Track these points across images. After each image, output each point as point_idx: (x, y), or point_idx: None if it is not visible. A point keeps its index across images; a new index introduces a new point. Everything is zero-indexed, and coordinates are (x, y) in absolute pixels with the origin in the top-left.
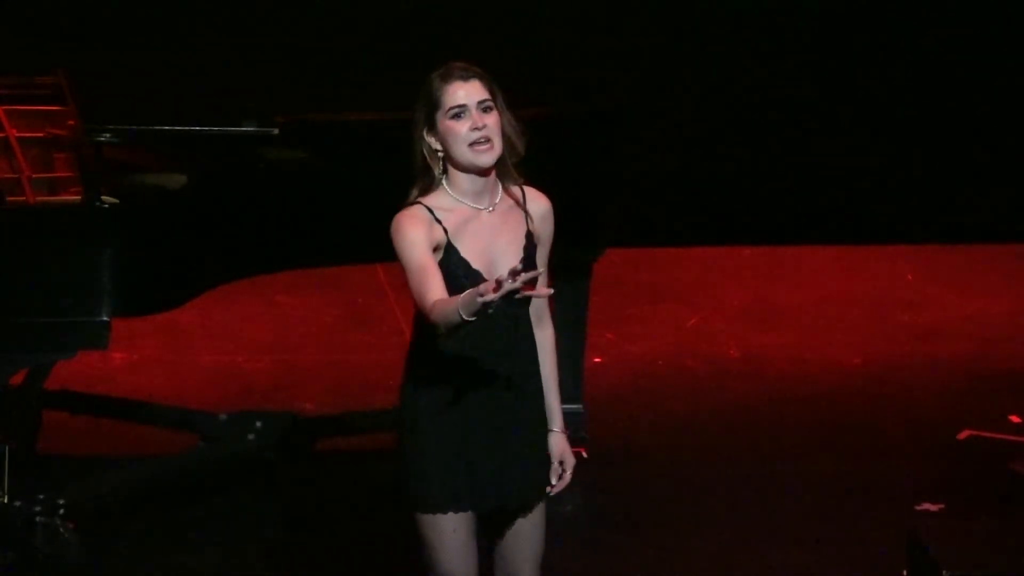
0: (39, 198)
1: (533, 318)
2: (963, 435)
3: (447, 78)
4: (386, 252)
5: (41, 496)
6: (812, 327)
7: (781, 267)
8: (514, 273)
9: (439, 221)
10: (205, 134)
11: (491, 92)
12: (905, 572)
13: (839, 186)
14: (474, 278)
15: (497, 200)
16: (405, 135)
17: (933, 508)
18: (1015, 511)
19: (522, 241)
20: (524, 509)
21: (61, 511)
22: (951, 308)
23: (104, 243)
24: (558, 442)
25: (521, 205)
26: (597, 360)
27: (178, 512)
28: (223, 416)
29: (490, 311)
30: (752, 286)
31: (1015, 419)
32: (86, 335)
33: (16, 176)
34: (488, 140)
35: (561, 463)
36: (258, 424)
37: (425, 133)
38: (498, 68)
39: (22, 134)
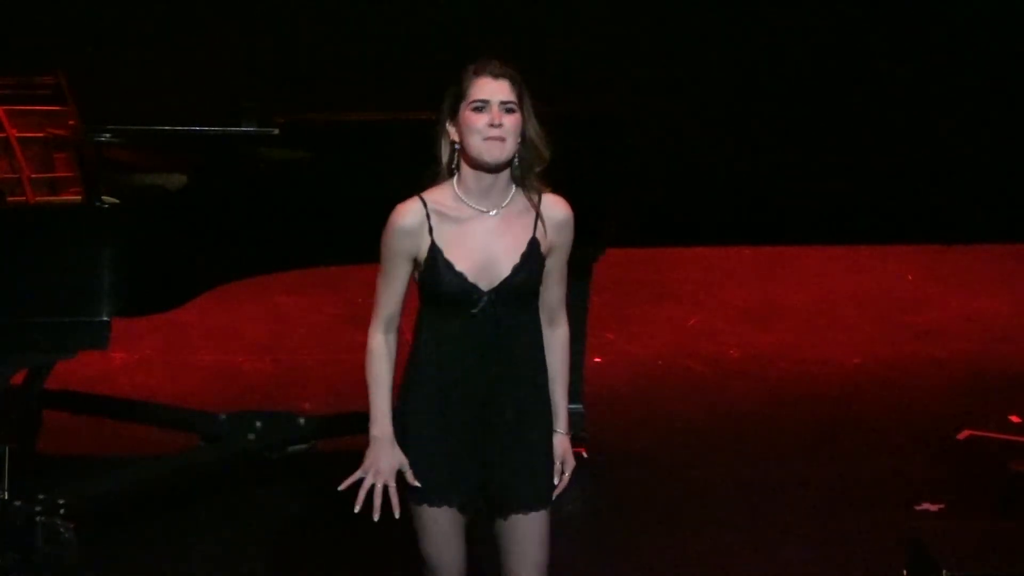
0: (39, 198)
1: (545, 318)
2: (963, 435)
3: (479, 72)
4: None
5: (41, 496)
6: (812, 327)
7: (781, 267)
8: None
9: (429, 220)
10: (205, 134)
11: (518, 96)
12: (905, 572)
13: (839, 186)
14: (459, 279)
15: (504, 204)
16: (405, 135)
17: (933, 508)
18: (1015, 511)
19: (523, 248)
20: (522, 513)
21: (61, 511)
22: (951, 308)
23: (104, 243)
24: (560, 443)
25: (535, 211)
26: (597, 360)
27: (178, 512)
28: (223, 416)
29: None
30: (752, 286)
31: (1015, 419)
32: (86, 335)
33: (16, 176)
34: (502, 138)
35: (562, 464)
36: (258, 424)
37: (448, 122)
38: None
39: (22, 134)
